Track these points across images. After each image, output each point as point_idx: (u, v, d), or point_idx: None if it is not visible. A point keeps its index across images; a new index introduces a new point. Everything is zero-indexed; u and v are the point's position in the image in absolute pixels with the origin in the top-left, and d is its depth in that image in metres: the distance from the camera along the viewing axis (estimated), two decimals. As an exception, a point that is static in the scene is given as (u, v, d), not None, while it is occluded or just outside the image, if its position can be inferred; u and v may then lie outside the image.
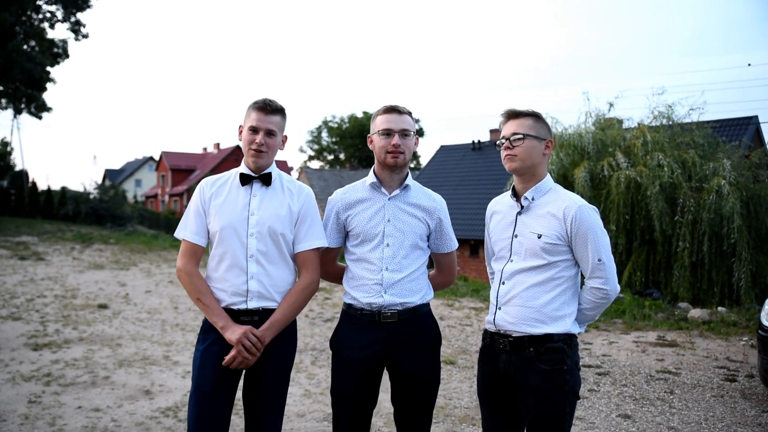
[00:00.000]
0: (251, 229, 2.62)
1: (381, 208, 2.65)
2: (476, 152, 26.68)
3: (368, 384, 2.65)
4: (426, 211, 2.70)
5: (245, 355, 2.53)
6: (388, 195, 2.66)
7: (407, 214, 2.66)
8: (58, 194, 29.19)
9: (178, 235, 2.69)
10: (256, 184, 2.68)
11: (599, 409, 4.90)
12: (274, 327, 2.62)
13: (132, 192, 57.42)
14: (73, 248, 16.96)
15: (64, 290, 10.32)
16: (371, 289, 2.62)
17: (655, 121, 13.18)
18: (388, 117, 2.65)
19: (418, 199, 2.71)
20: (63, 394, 4.98)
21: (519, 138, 2.48)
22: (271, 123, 2.62)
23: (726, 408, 4.97)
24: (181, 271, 2.64)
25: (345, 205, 2.71)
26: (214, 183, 2.71)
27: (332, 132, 58.10)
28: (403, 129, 2.62)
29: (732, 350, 6.87)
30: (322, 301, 10.08)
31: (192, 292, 2.62)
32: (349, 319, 2.69)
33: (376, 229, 2.63)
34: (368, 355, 2.61)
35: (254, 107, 2.64)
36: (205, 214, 2.66)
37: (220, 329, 2.56)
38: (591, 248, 2.43)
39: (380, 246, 2.62)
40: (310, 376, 5.77)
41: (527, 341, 2.44)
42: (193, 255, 2.65)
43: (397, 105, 2.70)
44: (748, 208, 11.36)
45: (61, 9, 27.85)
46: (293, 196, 2.72)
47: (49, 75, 27.61)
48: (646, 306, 9.38)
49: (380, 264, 2.61)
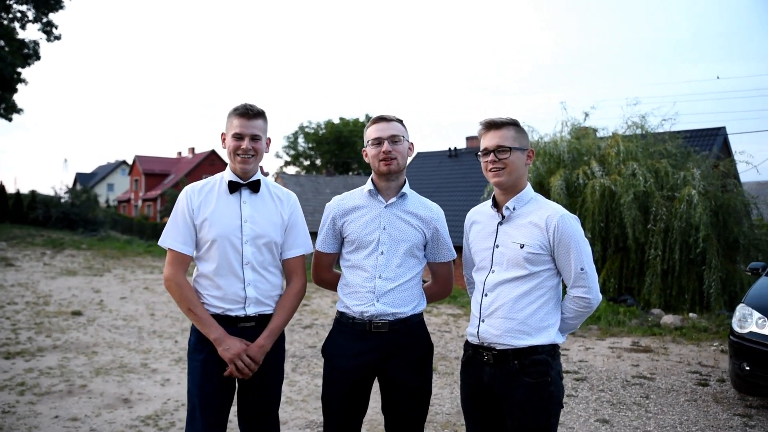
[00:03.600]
0: (245, 237, 2.62)
1: (377, 215, 2.65)
2: (453, 159, 26.85)
3: (358, 393, 2.65)
4: (422, 220, 2.69)
5: (243, 373, 2.55)
6: (385, 203, 2.67)
7: (403, 222, 2.66)
8: (28, 198, 28.60)
9: (165, 244, 2.64)
10: (245, 191, 2.67)
11: (578, 414, 4.99)
12: (273, 334, 2.64)
13: (104, 196, 56.48)
14: (43, 253, 16.62)
15: (35, 297, 10.11)
16: (363, 297, 2.61)
17: (629, 130, 13.44)
18: (376, 126, 2.67)
19: (415, 208, 2.70)
20: (38, 404, 4.88)
21: (504, 151, 2.45)
22: (254, 128, 2.61)
23: (699, 412, 5.10)
24: (170, 281, 2.60)
25: (342, 211, 2.72)
26: (201, 190, 2.68)
27: (308, 138, 57.91)
28: (392, 135, 2.62)
29: (704, 355, 7.05)
30: (300, 308, 10.04)
31: (182, 302, 2.59)
32: (341, 327, 2.69)
33: (371, 236, 2.63)
34: (359, 364, 2.60)
35: (236, 114, 2.62)
36: (193, 222, 2.63)
37: (213, 341, 2.54)
38: (574, 257, 2.41)
39: (374, 253, 2.62)
40: (291, 383, 5.75)
41: (511, 354, 2.43)
42: (182, 264, 2.62)
43: (385, 114, 2.71)
44: (717, 217, 11.65)
45: (33, 9, 27.32)
46: (282, 204, 2.73)
47: (20, 76, 27.04)
48: (621, 312, 9.56)
49: (374, 272, 2.60)
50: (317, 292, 11.82)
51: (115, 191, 64.44)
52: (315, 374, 6.06)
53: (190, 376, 2.63)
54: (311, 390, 5.52)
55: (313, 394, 5.38)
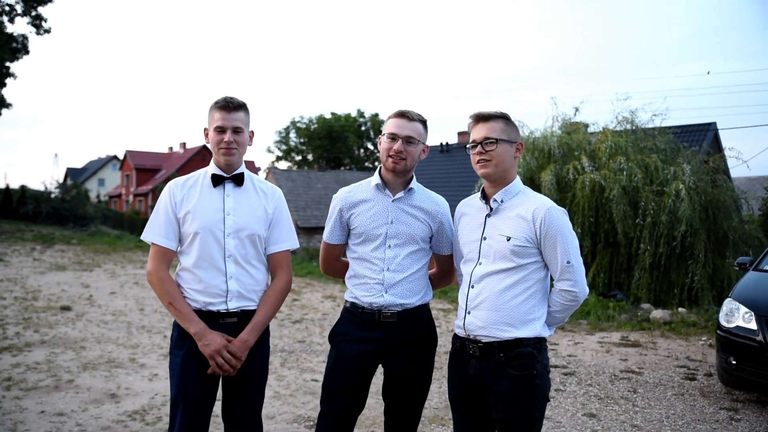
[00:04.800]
0: (228, 230, 2.61)
1: (385, 209, 2.68)
2: (444, 154, 26.88)
3: (362, 381, 2.69)
4: (428, 214, 2.72)
5: (225, 369, 2.53)
6: (392, 197, 2.69)
7: (410, 216, 2.69)
8: (17, 193, 28.31)
9: (147, 239, 2.64)
10: (229, 185, 2.67)
11: (565, 409, 5.01)
12: (257, 329, 2.63)
13: (95, 191, 56.03)
14: (33, 249, 16.50)
15: (24, 292, 10.04)
16: (372, 288, 2.65)
17: (620, 126, 13.48)
18: (396, 121, 2.65)
19: (422, 202, 2.73)
20: (25, 399, 4.85)
21: (492, 142, 2.47)
22: (236, 120, 2.61)
23: (686, 406, 5.13)
24: (152, 276, 2.60)
25: (349, 203, 2.73)
26: (184, 184, 2.68)
27: (300, 133, 57.66)
28: (408, 136, 2.61)
29: (692, 350, 7.09)
30: (290, 302, 10.02)
31: (164, 296, 2.58)
32: (350, 316, 2.73)
33: (379, 229, 2.66)
34: (366, 350, 2.65)
35: (216, 107, 2.62)
36: (175, 216, 2.62)
37: (193, 335, 2.53)
38: (560, 250, 2.43)
39: (382, 246, 2.66)
40: (279, 377, 5.74)
41: (497, 347, 2.45)
42: (164, 258, 2.61)
43: (410, 111, 2.68)
44: (706, 212, 11.70)
45: (21, 2, 27.03)
46: (267, 198, 2.73)
47: (9, 70, 26.78)
48: (610, 307, 9.60)
49: (382, 264, 2.65)
50: (307, 287, 11.80)
51: (106, 186, 64.05)
52: (303, 369, 6.05)
53: (172, 372, 2.62)
54: (299, 385, 5.52)
55: (302, 389, 5.37)
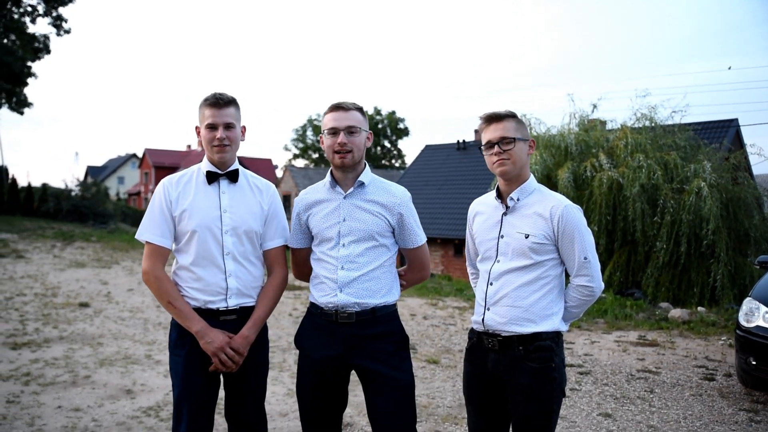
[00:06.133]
0: (225, 227, 2.61)
1: (336, 207, 2.61)
2: (461, 152, 26.78)
3: (331, 385, 2.59)
4: (384, 207, 2.61)
5: (228, 366, 2.54)
6: (344, 193, 2.61)
7: (363, 211, 2.59)
8: (39, 191, 28.72)
9: (142, 238, 2.62)
10: (223, 182, 2.66)
11: (581, 408, 4.95)
12: (257, 325, 2.63)
13: (114, 189, 56.76)
14: (53, 246, 16.74)
15: (44, 288, 10.19)
16: (327, 287, 2.58)
17: (638, 122, 13.33)
18: (333, 115, 2.57)
19: (376, 195, 2.62)
20: (42, 394, 4.92)
21: (509, 141, 2.50)
22: (227, 116, 2.60)
23: (704, 406, 5.05)
24: (148, 275, 2.58)
25: (305, 205, 2.69)
26: (179, 182, 2.67)
27: (317, 131, 57.93)
28: (349, 126, 2.54)
29: (711, 350, 6.98)
30: (305, 300, 10.04)
31: (162, 296, 2.57)
32: (311, 318, 2.66)
33: (332, 229, 2.59)
34: (327, 356, 2.55)
35: (206, 104, 2.62)
36: (171, 214, 2.61)
37: (195, 334, 2.52)
38: (577, 247, 2.48)
39: (337, 246, 2.58)
40: (293, 375, 5.75)
41: (516, 340, 2.47)
42: (160, 257, 2.60)
43: (344, 102, 2.60)
44: (727, 210, 11.53)
45: (43, 3, 27.43)
46: (262, 194, 2.73)
47: (30, 70, 27.21)
48: (628, 306, 9.48)
49: (335, 263, 2.57)
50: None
51: (125, 184, 64.85)
52: (318, 366, 6.05)
53: (173, 371, 2.62)
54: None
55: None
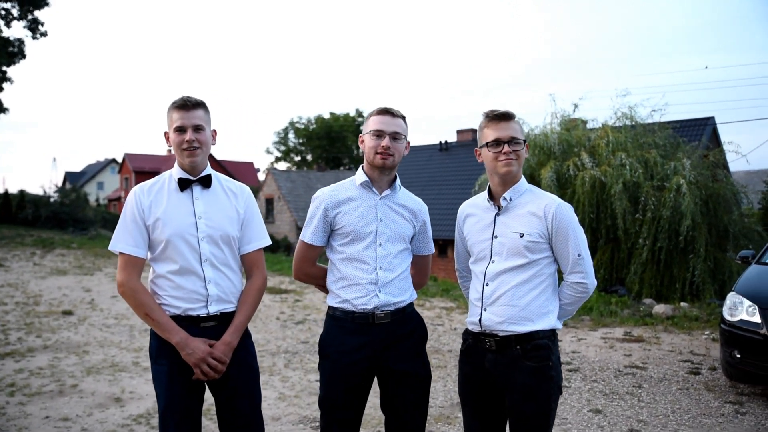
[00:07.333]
0: (201, 234, 2.56)
1: (373, 206, 2.65)
2: (443, 153, 26.87)
3: (360, 389, 2.62)
4: (413, 213, 2.74)
5: (210, 376, 2.50)
6: (379, 195, 2.67)
7: (397, 215, 2.69)
8: (17, 198, 28.24)
9: (115, 249, 2.55)
10: (196, 188, 2.61)
11: (571, 405, 5.00)
12: (239, 330, 2.60)
13: (94, 195, 56.01)
14: (33, 254, 16.47)
15: (25, 297, 10.02)
16: (365, 288, 2.59)
17: (619, 121, 13.50)
18: (380, 119, 2.65)
19: (406, 201, 2.75)
20: (29, 404, 4.84)
21: (518, 142, 2.54)
22: (195, 118, 2.55)
23: (691, 400, 5.13)
24: (124, 287, 2.51)
25: (334, 202, 2.67)
26: (150, 190, 2.60)
27: (299, 133, 57.68)
28: (395, 132, 2.63)
29: (695, 344, 7.09)
30: (292, 303, 10.02)
31: (139, 308, 2.50)
32: (338, 323, 2.63)
33: (368, 227, 2.62)
34: (360, 358, 2.58)
35: (174, 107, 2.57)
36: (144, 223, 2.54)
37: (175, 345, 2.47)
38: (571, 244, 2.52)
39: (373, 245, 2.61)
40: (283, 379, 5.73)
41: (514, 339, 2.49)
42: (135, 268, 2.53)
43: (392, 108, 2.70)
44: (707, 206, 11.72)
45: (17, 6, 26.98)
46: (237, 198, 2.69)
47: (5, 75, 26.74)
48: (613, 302, 9.61)
49: (374, 263, 2.60)
50: (308, 288, 11.79)
51: (105, 189, 63.98)
52: (308, 370, 6.04)
53: (157, 381, 2.56)
54: (304, 386, 5.51)
55: (306, 390, 5.37)
